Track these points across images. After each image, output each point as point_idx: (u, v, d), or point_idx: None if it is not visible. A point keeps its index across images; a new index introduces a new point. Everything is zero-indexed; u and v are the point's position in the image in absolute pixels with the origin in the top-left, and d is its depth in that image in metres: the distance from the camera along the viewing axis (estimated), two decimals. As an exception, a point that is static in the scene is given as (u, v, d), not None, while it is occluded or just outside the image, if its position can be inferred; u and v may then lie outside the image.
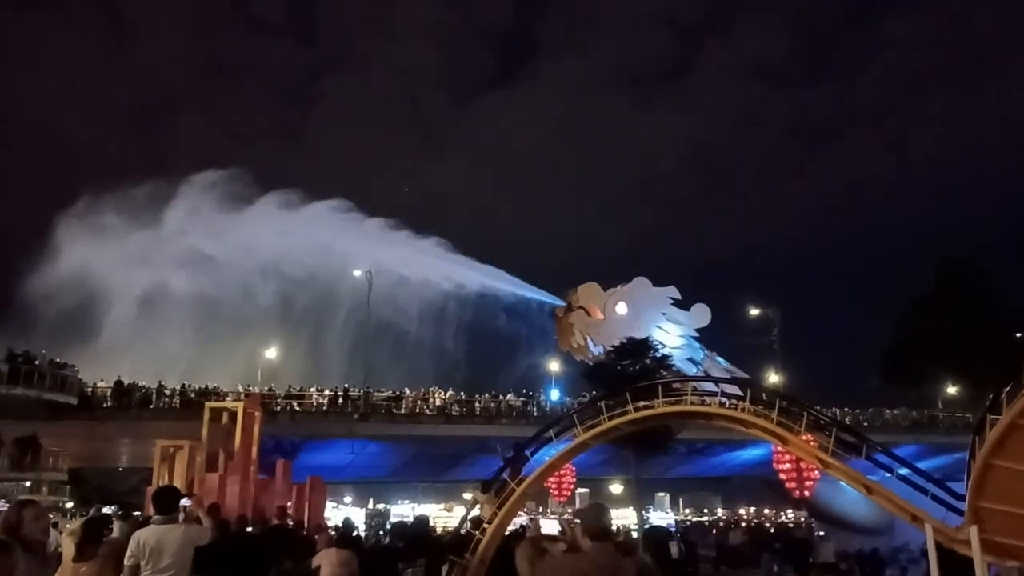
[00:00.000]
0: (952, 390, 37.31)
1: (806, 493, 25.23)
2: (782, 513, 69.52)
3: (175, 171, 46.15)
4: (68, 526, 8.53)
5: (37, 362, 28.44)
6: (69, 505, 37.94)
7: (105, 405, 33.46)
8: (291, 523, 14.90)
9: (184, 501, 7.26)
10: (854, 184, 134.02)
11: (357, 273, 43.69)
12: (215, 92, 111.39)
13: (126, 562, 6.32)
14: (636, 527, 33.06)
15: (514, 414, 40.94)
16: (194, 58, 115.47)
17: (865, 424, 42.70)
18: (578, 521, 4.66)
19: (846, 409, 45.70)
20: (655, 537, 26.34)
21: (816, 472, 23.80)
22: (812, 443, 22.57)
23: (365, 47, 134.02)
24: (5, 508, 4.70)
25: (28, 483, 33.34)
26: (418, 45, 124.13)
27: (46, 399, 28.32)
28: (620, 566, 4.44)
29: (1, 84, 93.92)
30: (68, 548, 7.07)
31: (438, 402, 40.31)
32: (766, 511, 73.53)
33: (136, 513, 18.24)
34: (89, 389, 33.02)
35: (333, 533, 13.21)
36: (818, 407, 27.94)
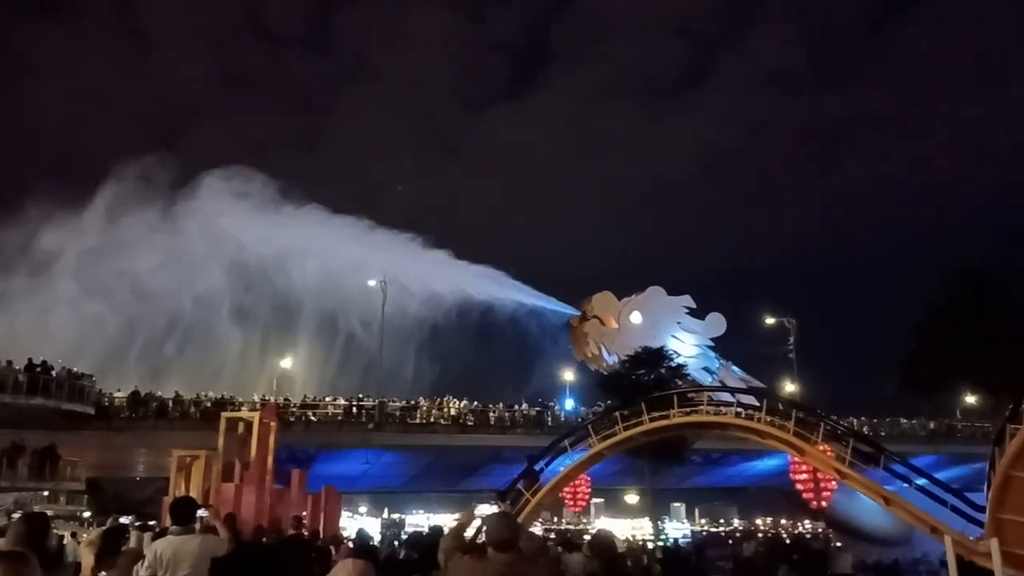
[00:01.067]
0: (970, 399, 36.90)
1: (823, 504, 25.06)
2: (799, 524, 68.87)
3: (192, 181, 46.31)
4: (86, 536, 8.56)
5: (55, 372, 28.64)
6: (86, 515, 38.16)
7: (122, 415, 33.69)
8: (306, 533, 14.92)
9: (201, 512, 7.27)
10: (870, 192, 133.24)
11: (371, 283, 43.83)
12: (232, 104, 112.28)
13: (143, 573, 6.33)
14: (651, 537, 32.90)
15: (528, 424, 40.83)
16: (212, 70, 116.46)
17: (882, 434, 42.31)
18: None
19: (863, 418, 45.28)
20: (674, 554, 26.14)
21: (833, 483, 23.65)
22: (829, 453, 22.49)
23: (379, 58, 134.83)
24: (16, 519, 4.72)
25: (46, 493, 33.57)
26: (432, 56, 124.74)
27: (64, 409, 28.50)
28: (525, 573, 4.48)
29: (22, 96, 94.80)
30: (87, 559, 7.10)
31: (453, 412, 40.28)
32: (783, 522, 72.83)
33: (152, 523, 18.34)
34: (106, 399, 33.23)
35: (351, 544, 13.22)
36: (835, 417, 27.90)
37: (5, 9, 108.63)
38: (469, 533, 5.16)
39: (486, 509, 21.21)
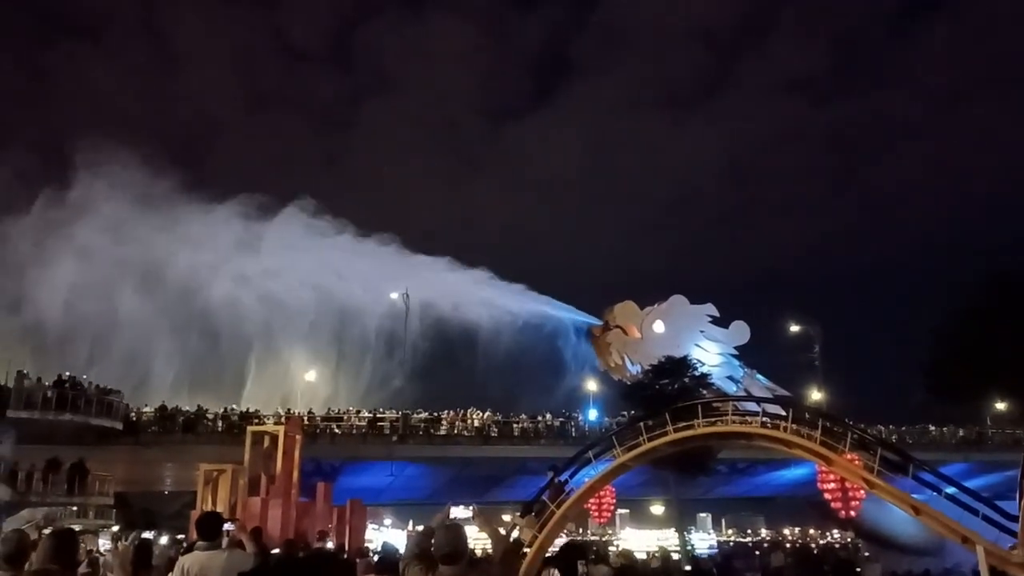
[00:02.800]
0: (1000, 406, 36.34)
1: (852, 513, 24.75)
2: (827, 534, 68.03)
3: (215, 198, 46.82)
4: (119, 548, 8.66)
5: (84, 388, 29.00)
6: (115, 529, 38.51)
7: (150, 430, 34.06)
8: (332, 546, 14.98)
9: (227, 526, 7.32)
10: (895, 198, 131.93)
11: (394, 295, 44.02)
12: (256, 120, 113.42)
13: (171, 588, 6.41)
14: (678, 548, 32.66)
15: (552, 435, 40.73)
16: (237, 88, 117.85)
17: (910, 442, 41.74)
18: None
19: (890, 427, 44.74)
20: (698, 567, 25.92)
21: (861, 492, 23.36)
22: (857, 462, 22.24)
23: (401, 73, 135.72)
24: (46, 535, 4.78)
25: (75, 507, 33.93)
26: (453, 70, 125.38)
27: (93, 424, 28.84)
28: None
29: (46, 116, 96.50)
30: (121, 573, 7.18)
31: (476, 423, 40.29)
32: (811, 532, 71.99)
33: (180, 537, 18.51)
34: (134, 414, 33.58)
35: (374, 557, 13.24)
36: (862, 425, 27.60)
37: (33, 30, 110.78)
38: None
39: (459, 512, 21.12)
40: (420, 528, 6.33)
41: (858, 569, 26.83)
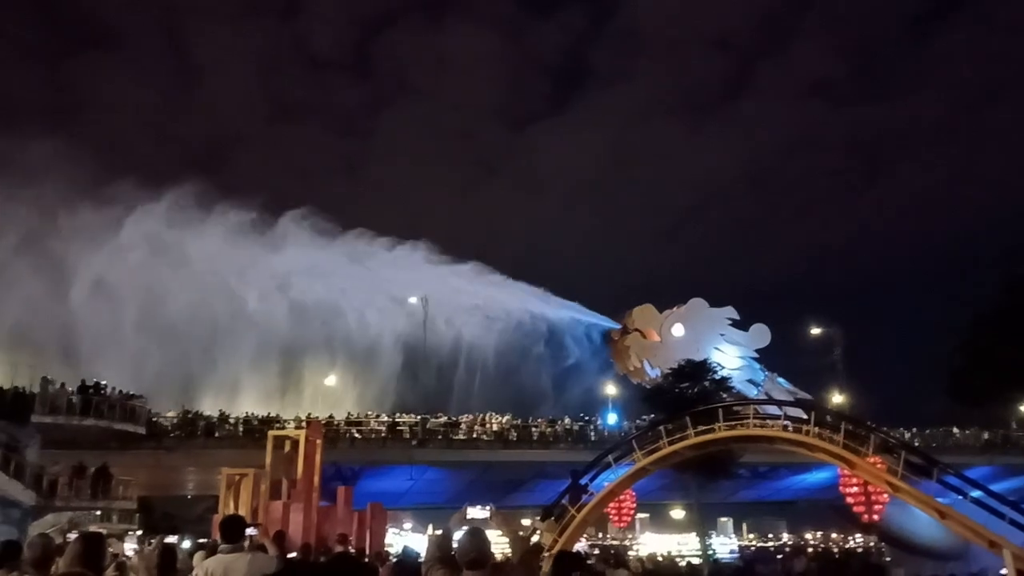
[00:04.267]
0: (1025, 409, 35.90)
1: (875, 517, 24.58)
2: (850, 538, 67.36)
3: (236, 206, 47.15)
4: (144, 551, 8.74)
5: (107, 393, 29.28)
6: (140, 533, 38.85)
7: (172, 434, 34.34)
8: (353, 550, 15.02)
9: (250, 530, 7.37)
10: (916, 201, 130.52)
11: (412, 300, 44.10)
12: (277, 129, 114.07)
13: (195, 591, 6.47)
14: (699, 553, 32.48)
15: (571, 439, 40.66)
16: (257, 97, 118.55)
17: (933, 445, 41.26)
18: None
19: (914, 430, 44.26)
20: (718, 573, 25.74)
21: (885, 496, 23.18)
22: (880, 466, 22.06)
23: (420, 81, 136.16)
24: (74, 539, 4.82)
25: (99, 512, 34.25)
26: (472, 77, 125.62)
27: (116, 429, 29.10)
28: None
29: (70, 127, 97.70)
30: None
31: (495, 427, 40.29)
32: (833, 536, 71.30)
33: (203, 540, 18.63)
34: (156, 419, 33.84)
35: (393, 560, 13.28)
36: (884, 429, 27.35)
37: (58, 42, 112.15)
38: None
39: (476, 513, 21.03)
40: (439, 532, 6.33)
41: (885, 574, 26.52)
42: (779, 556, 47.72)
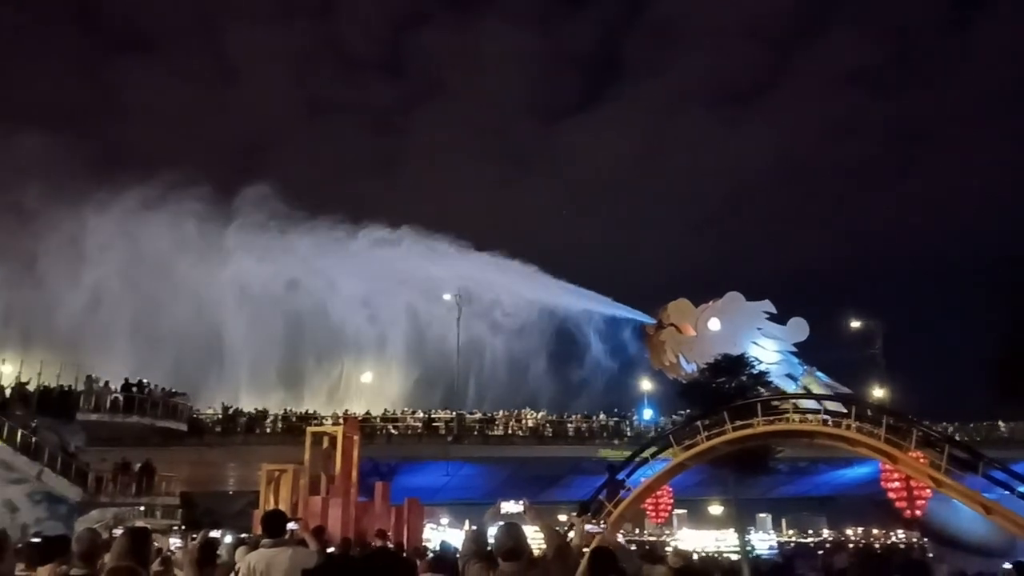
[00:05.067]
0: (1075, 402, 35.00)
1: (917, 512, 24.21)
2: (892, 534, 66.35)
3: (273, 206, 47.75)
4: (189, 545, 8.89)
5: (150, 391, 29.82)
6: (183, 528, 39.54)
7: (213, 431, 34.90)
8: (391, 545, 15.12)
9: (291, 525, 7.46)
10: (958, 191, 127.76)
11: (447, 297, 44.31)
12: (312, 129, 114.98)
13: (237, 584, 6.57)
14: (737, 549, 32.21)
15: (607, 434, 40.57)
16: (292, 97, 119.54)
17: (978, 439, 40.48)
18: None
19: (957, 424, 43.46)
20: (761, 571, 25.48)
21: (928, 490, 22.81)
22: (923, 460, 21.72)
23: (453, 77, 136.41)
24: (120, 533, 4.92)
25: (143, 507, 34.93)
26: (504, 72, 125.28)
27: (159, 426, 29.64)
28: None
29: (109, 130, 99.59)
30: (188, 570, 7.34)
31: (530, 423, 40.35)
32: (875, 532, 70.28)
33: (244, 535, 18.89)
34: (198, 415, 34.41)
35: (431, 555, 13.33)
36: (927, 423, 26.89)
37: (98, 46, 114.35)
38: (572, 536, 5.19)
39: (510, 507, 21.07)
40: (475, 527, 6.38)
41: (930, 574, 26.02)
42: (819, 552, 47.20)
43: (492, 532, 4.91)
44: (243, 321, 47.57)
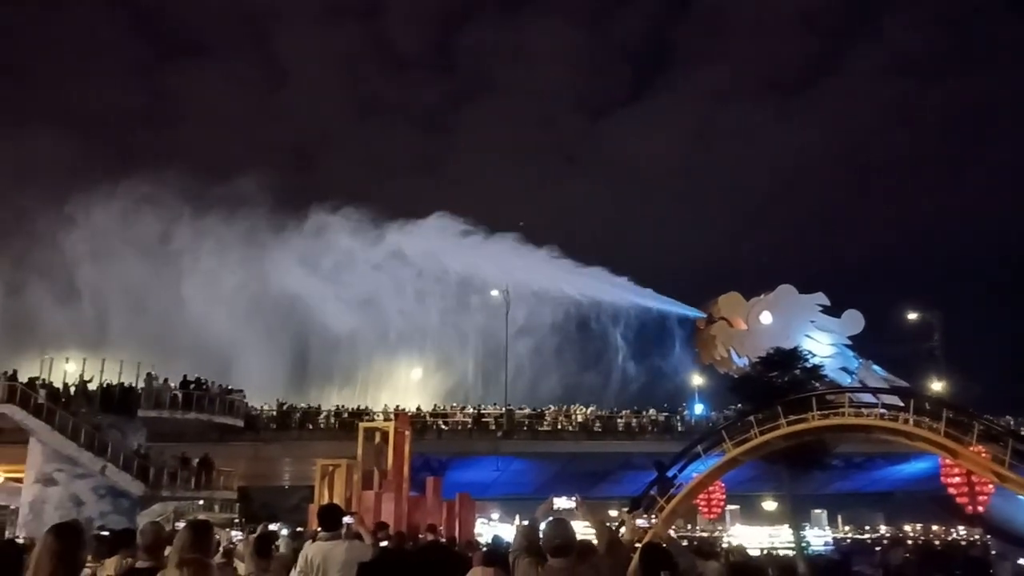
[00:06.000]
0: None
1: (979, 508, 23.54)
2: (952, 530, 64.71)
3: (321, 204, 48.43)
4: (249, 538, 9.12)
5: (207, 388, 30.49)
6: (243, 521, 40.48)
7: (269, 427, 35.55)
8: (443, 539, 15.26)
9: (347, 519, 7.58)
10: (1017, 178, 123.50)
11: (495, 293, 44.45)
12: (362, 128, 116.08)
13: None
14: (792, 546, 31.73)
15: (657, 430, 40.31)
16: (342, 97, 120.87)
17: (1043, 433, 39.25)
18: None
19: (1020, 417, 42.18)
20: (818, 567, 25.00)
21: (990, 486, 22.20)
22: (984, 455, 21.14)
23: (500, 74, 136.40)
24: (183, 526, 5.05)
25: (202, 501, 35.76)
26: (551, 68, 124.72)
27: (216, 422, 30.30)
28: (576, 574, 4.58)
29: (163, 134, 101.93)
30: (247, 561, 7.54)
31: (580, 418, 40.28)
32: (934, 528, 68.64)
33: (300, 529, 19.26)
34: (254, 412, 35.07)
35: (483, 549, 13.40)
36: (988, 416, 26.15)
37: (153, 54, 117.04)
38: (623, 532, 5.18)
39: (562, 503, 20.98)
40: (526, 522, 6.42)
41: (991, 571, 25.25)
42: (877, 549, 46.29)
43: (543, 528, 4.93)
44: (293, 319, 48.42)
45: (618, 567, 5.04)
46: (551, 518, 5.02)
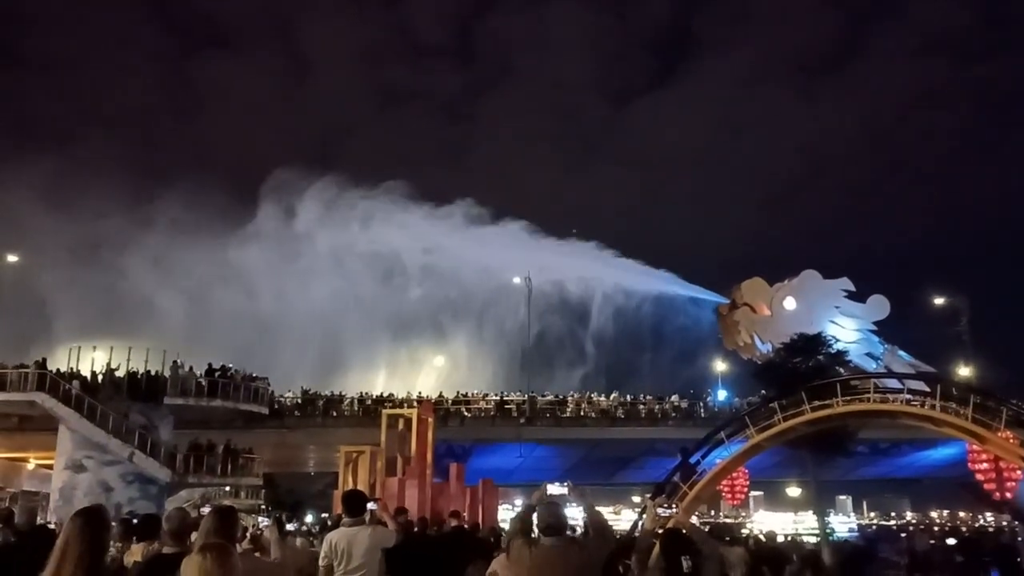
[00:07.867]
0: None
1: (1007, 495, 23.30)
2: (979, 517, 64.12)
3: (346, 192, 48.60)
4: (273, 525, 9.26)
5: (232, 375, 30.79)
6: (268, 508, 40.97)
7: (293, 414, 35.86)
8: (466, 526, 15.32)
9: (371, 505, 7.64)
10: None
11: (517, 280, 44.44)
12: (384, 117, 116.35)
13: (320, 562, 6.79)
14: (816, 532, 31.58)
15: (680, 416, 40.21)
16: (365, 86, 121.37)
17: (1074, 419, 38.66)
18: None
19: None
20: (843, 553, 24.76)
21: (1019, 472, 21.97)
22: (1013, 440, 20.88)
23: (521, 62, 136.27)
24: (208, 512, 5.11)
25: (228, 488, 36.20)
26: (573, 55, 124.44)
27: (241, 409, 30.60)
28: (569, 555, 4.78)
29: (188, 125, 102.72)
30: (273, 537, 7.57)
31: (602, 405, 40.25)
32: (961, 515, 68.07)
33: (325, 515, 19.46)
34: (278, 399, 35.38)
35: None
36: (1016, 401, 25.81)
37: (179, 46, 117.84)
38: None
39: (555, 489, 21.08)
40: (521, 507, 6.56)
41: (1020, 558, 24.94)
42: (903, 535, 45.94)
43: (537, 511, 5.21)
44: (318, 306, 48.73)
45: (606, 548, 5.24)
46: (547, 502, 5.25)
